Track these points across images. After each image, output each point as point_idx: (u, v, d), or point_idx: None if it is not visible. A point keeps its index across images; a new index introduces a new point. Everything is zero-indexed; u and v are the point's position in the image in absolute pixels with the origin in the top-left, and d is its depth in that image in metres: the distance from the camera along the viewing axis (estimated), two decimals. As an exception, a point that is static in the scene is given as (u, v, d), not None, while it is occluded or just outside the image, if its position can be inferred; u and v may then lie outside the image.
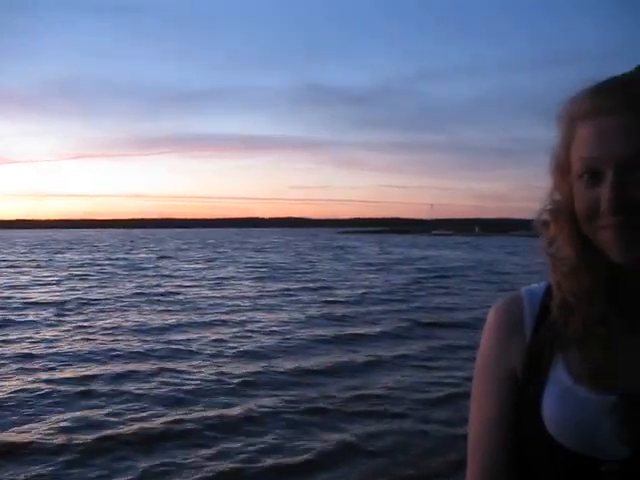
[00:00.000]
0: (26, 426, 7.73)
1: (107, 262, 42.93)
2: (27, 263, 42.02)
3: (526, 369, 1.08)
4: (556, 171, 1.06)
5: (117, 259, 46.73)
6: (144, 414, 8.24)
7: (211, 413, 8.32)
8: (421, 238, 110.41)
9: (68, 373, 10.38)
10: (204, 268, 37.29)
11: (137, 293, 22.86)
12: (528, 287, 1.16)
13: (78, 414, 8.20)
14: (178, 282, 27.59)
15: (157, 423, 7.89)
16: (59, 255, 53.44)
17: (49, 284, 26.88)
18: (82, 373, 10.33)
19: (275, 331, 14.64)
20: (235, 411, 8.43)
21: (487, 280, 28.33)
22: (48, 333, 14.28)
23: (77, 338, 13.55)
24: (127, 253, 57.19)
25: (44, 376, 10.13)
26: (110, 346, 12.64)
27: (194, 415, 8.22)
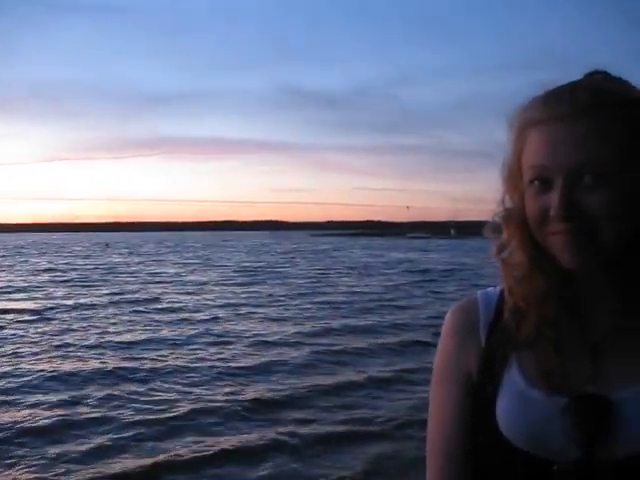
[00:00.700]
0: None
1: (83, 267, 41.93)
2: (1, 268, 40.93)
3: (481, 372, 1.10)
4: (508, 178, 1.08)
5: (93, 263, 45.68)
6: (135, 446, 7.56)
7: (205, 442, 7.69)
8: (398, 241, 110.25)
9: (49, 396, 9.59)
10: (185, 272, 36.59)
11: (116, 301, 22.06)
12: (484, 290, 1.18)
13: (64, 449, 7.45)
14: (159, 288, 26.86)
15: (150, 455, 7.26)
16: (34, 259, 52.26)
17: (24, 290, 26.11)
18: (63, 396, 9.56)
19: (264, 343, 13.99)
20: (229, 440, 7.80)
21: (476, 284, 27.70)
22: (24, 348, 13.42)
23: (55, 354, 12.75)
24: (104, 257, 56.08)
25: (22, 400, 9.36)
26: (90, 364, 11.85)
27: (187, 445, 7.58)
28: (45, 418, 8.50)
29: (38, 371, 11.14)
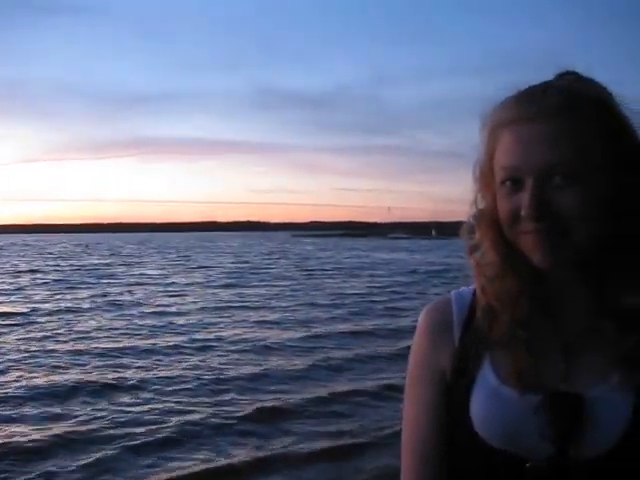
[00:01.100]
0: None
1: (64, 268, 40.92)
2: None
3: (455, 371, 1.11)
4: (480, 178, 1.10)
5: (75, 265, 44.53)
6: (120, 462, 7.06)
7: (193, 457, 7.26)
8: (381, 241, 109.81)
9: (30, 409, 8.95)
10: (168, 274, 35.83)
11: (99, 304, 21.35)
12: (457, 290, 1.19)
13: (48, 466, 6.91)
14: (142, 291, 26.10)
15: (135, 473, 6.78)
16: (14, 261, 51.10)
17: (4, 293, 25.30)
18: (46, 409, 8.95)
19: (253, 349, 13.42)
20: (219, 457, 7.31)
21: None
22: (2, 357, 12.68)
23: (35, 362, 12.06)
24: (84, 259, 54.93)
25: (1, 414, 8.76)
26: (72, 374, 11.17)
27: (174, 461, 7.13)
28: (27, 434, 7.92)
29: (17, 381, 10.53)
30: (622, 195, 1.01)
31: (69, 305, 21.29)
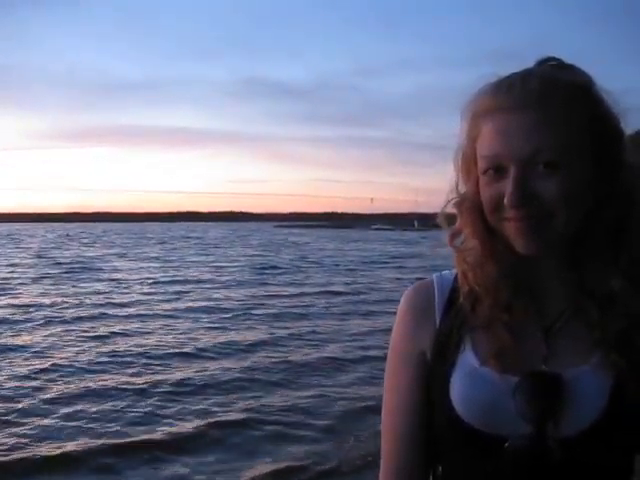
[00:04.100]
0: None
1: (41, 261, 37.34)
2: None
3: (435, 352, 1.10)
4: (462, 165, 1.08)
5: (55, 257, 40.66)
6: None
7: None
8: (367, 233, 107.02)
9: None
10: (164, 267, 32.96)
11: (80, 307, 18.54)
12: (439, 273, 1.17)
13: None
14: (144, 291, 22.95)
15: None
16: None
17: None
18: None
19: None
20: None
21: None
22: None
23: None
24: (66, 250, 51.01)
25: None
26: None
27: None
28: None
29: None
30: (600, 183, 1.01)
31: (53, 312, 18.24)
